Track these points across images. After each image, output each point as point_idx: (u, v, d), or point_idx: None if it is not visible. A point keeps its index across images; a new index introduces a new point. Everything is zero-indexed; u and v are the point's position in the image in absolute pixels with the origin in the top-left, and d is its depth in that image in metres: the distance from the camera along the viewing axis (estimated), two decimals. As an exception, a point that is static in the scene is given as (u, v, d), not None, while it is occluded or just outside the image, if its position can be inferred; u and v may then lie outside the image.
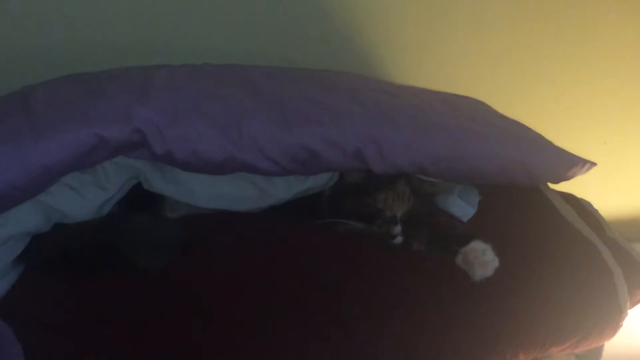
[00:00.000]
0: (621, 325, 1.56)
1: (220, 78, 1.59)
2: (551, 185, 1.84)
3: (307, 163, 1.41)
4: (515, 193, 1.71)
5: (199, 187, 1.47)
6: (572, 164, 1.62)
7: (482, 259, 1.44)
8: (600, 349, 1.67)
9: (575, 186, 1.85)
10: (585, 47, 2.25)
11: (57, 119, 1.32)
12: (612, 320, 1.54)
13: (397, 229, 1.50)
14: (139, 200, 1.49)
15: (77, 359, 1.21)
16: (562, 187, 1.80)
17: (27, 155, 1.24)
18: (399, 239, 1.51)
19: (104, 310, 1.29)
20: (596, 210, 1.84)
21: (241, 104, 1.44)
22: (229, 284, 1.36)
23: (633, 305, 1.61)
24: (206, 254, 1.42)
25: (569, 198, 1.83)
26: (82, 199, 1.40)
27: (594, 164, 1.65)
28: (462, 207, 1.63)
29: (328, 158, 1.40)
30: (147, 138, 1.32)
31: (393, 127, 1.46)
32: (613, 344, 1.65)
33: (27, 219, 1.34)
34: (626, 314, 1.55)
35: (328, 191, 1.57)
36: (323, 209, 1.55)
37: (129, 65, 1.66)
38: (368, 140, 1.41)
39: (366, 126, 1.44)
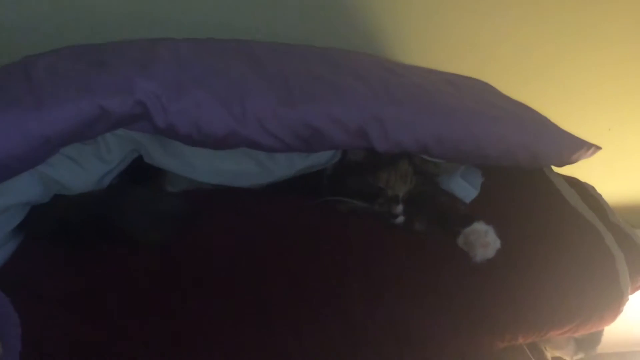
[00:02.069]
0: (622, 310, 1.55)
1: (224, 53, 1.58)
2: (555, 169, 1.83)
3: (310, 140, 1.40)
4: (518, 175, 1.70)
5: (200, 161, 1.46)
6: (577, 148, 1.61)
7: (483, 240, 1.44)
8: (599, 334, 1.66)
9: (579, 171, 1.84)
10: (592, 31, 2.23)
11: (58, 89, 1.31)
12: (613, 304, 1.54)
13: (399, 208, 1.50)
14: (140, 173, 1.49)
15: (75, 331, 1.22)
16: (566, 171, 1.79)
17: (27, 125, 1.23)
18: (400, 219, 1.50)
19: (103, 282, 1.30)
20: (600, 195, 1.83)
21: (245, 79, 1.44)
22: (228, 258, 1.37)
23: (634, 290, 1.61)
24: (206, 228, 1.42)
25: (572, 182, 1.82)
26: (82, 171, 1.40)
27: (598, 147, 1.64)
28: (465, 188, 1.62)
29: (331, 135, 1.40)
30: (149, 110, 1.31)
31: (398, 106, 1.45)
32: (613, 329, 1.64)
33: (26, 189, 1.34)
34: (627, 299, 1.55)
35: (330, 169, 1.57)
36: (324, 187, 1.55)
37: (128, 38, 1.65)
38: (372, 118, 1.40)
39: (371, 104, 1.43)
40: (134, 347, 1.23)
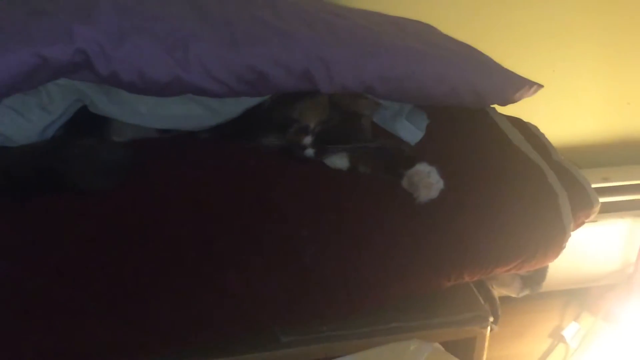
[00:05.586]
0: (564, 247, 1.58)
1: (165, -1, 1.56)
2: (499, 110, 1.85)
3: (255, 84, 1.40)
4: (462, 116, 1.72)
5: (146, 107, 1.45)
6: (520, 86, 1.63)
7: (426, 180, 1.45)
8: (544, 270, 1.69)
9: (523, 111, 1.86)
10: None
11: (-4, 39, 1.29)
12: (555, 241, 1.57)
13: (307, 139, 1.50)
14: (84, 124, 1.47)
15: (23, 283, 1.22)
16: (510, 112, 1.81)
17: (-35, 76, 1.21)
18: (309, 152, 1.51)
19: (49, 234, 1.29)
20: (543, 134, 1.85)
21: (187, 24, 1.42)
22: (174, 206, 1.38)
23: (576, 227, 1.63)
24: (152, 177, 1.42)
25: (516, 122, 1.84)
26: (25, 122, 1.39)
27: (540, 86, 1.66)
28: (411, 130, 1.63)
29: (276, 79, 1.40)
30: (90, 59, 1.29)
31: (341, 47, 1.45)
32: (558, 267, 1.69)
33: (-32, 141, 1.32)
34: (569, 235, 1.58)
35: (268, 102, 1.55)
36: (260, 124, 1.55)
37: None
38: (316, 60, 1.41)
39: (314, 46, 1.43)
40: (79, 294, 1.24)
